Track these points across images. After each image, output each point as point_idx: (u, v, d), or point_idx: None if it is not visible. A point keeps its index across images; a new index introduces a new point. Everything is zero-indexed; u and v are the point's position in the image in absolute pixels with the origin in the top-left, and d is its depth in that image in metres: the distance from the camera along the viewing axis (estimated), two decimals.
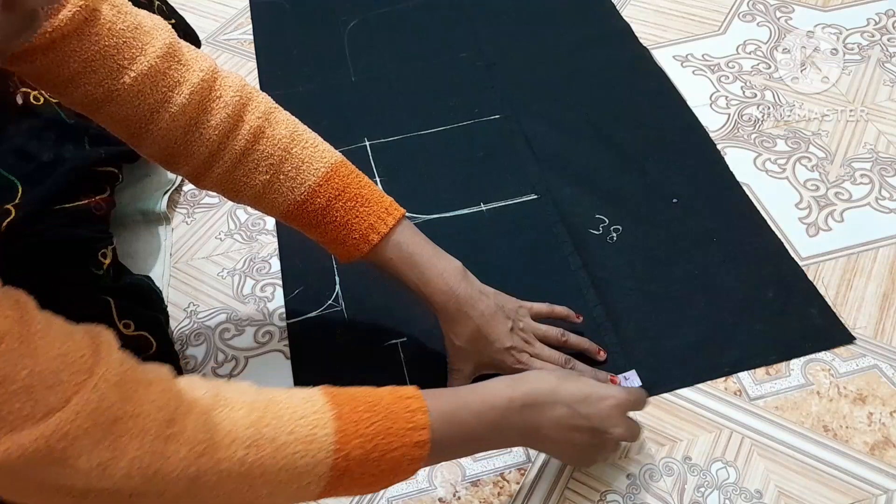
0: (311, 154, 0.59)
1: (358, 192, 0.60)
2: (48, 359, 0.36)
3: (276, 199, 0.58)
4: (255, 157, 0.57)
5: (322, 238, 0.61)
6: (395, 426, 0.45)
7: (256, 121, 0.57)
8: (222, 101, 0.56)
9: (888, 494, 0.59)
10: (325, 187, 0.58)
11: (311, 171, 0.58)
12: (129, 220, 0.81)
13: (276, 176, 0.57)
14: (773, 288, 0.72)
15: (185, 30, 0.97)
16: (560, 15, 1.05)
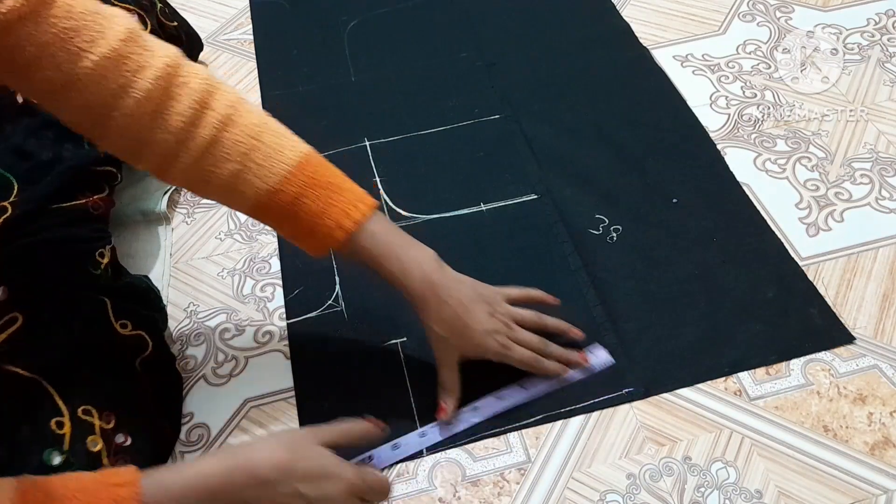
0: (282, 143, 0.57)
1: (331, 181, 0.58)
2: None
3: (245, 190, 0.56)
4: (223, 145, 0.54)
5: (294, 229, 0.59)
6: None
7: (225, 108, 0.55)
8: (189, 87, 0.53)
9: (888, 494, 0.59)
10: (298, 175, 0.57)
11: (283, 159, 0.56)
12: (129, 220, 0.81)
13: (247, 164, 0.55)
14: (773, 288, 0.72)
15: (187, 32, 0.97)
16: (560, 15, 1.05)
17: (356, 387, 0.68)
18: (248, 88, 0.99)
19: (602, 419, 0.65)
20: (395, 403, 0.66)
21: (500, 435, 0.64)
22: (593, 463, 0.62)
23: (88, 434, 0.54)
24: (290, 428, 0.66)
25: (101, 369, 0.58)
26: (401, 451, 0.63)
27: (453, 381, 0.63)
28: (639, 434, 0.64)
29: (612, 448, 0.63)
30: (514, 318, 0.64)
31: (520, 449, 0.63)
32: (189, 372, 0.71)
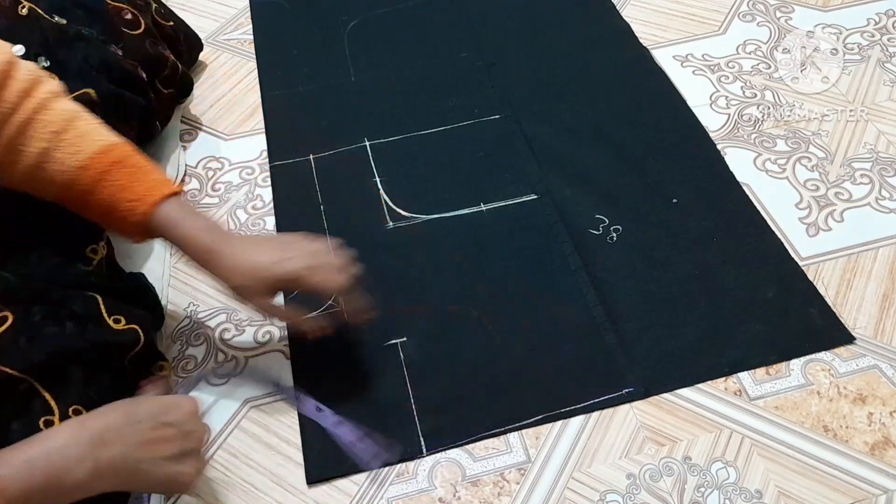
0: (94, 129, 0.58)
1: (137, 163, 0.59)
2: None
3: (54, 169, 0.56)
4: (36, 126, 0.55)
5: (99, 207, 0.58)
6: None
7: (44, 94, 0.56)
8: (17, 80, 0.55)
9: (888, 494, 0.59)
10: (106, 155, 0.57)
11: (92, 141, 0.57)
12: None
13: (56, 144, 0.56)
14: (773, 288, 0.72)
15: (185, 32, 0.97)
16: (560, 15, 1.05)
17: (356, 387, 0.68)
18: (248, 88, 0.99)
19: (602, 419, 0.65)
20: (395, 403, 0.66)
21: (500, 435, 0.64)
22: (593, 463, 0.62)
23: None
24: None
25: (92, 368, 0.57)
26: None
27: (288, 313, 0.64)
28: (639, 434, 0.64)
29: (612, 448, 0.63)
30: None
31: (520, 449, 0.63)
32: (189, 372, 0.71)
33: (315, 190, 0.85)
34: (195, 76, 1.01)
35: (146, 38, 0.83)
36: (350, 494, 0.62)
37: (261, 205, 0.84)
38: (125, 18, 0.81)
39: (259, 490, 0.63)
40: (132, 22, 0.82)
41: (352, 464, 0.63)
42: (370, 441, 0.63)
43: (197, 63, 1.03)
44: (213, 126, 0.94)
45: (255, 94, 0.98)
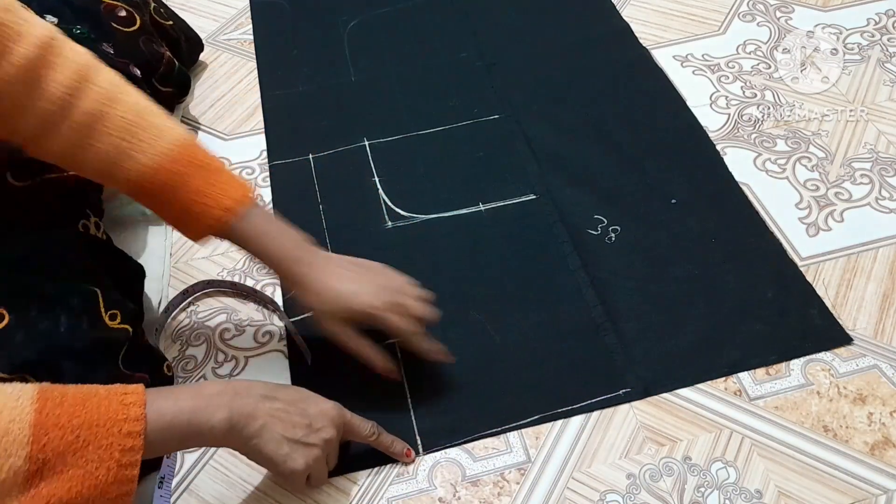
0: (165, 123, 0.57)
1: (211, 164, 0.58)
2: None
3: (127, 165, 0.55)
4: (108, 119, 0.54)
5: (173, 208, 0.58)
6: (105, 417, 0.45)
7: (108, 85, 0.55)
8: (69, 59, 0.53)
9: (888, 494, 0.59)
10: (182, 154, 0.57)
11: (167, 138, 0.56)
12: (129, 220, 0.81)
13: (130, 140, 0.55)
14: (772, 288, 0.72)
15: (186, 32, 0.97)
16: (560, 15, 1.05)
17: (354, 387, 0.68)
18: (248, 88, 0.99)
19: (602, 419, 0.65)
20: (392, 402, 0.66)
21: (500, 435, 0.64)
22: (593, 463, 0.62)
23: None
24: None
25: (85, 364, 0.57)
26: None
27: (363, 345, 0.62)
28: (639, 434, 0.64)
29: (612, 448, 0.63)
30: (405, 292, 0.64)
31: (520, 449, 0.63)
32: (189, 372, 0.70)
33: (314, 189, 0.85)
34: (195, 76, 1.01)
35: (140, 36, 0.83)
36: (350, 494, 0.62)
37: (260, 204, 0.84)
38: (119, 16, 0.81)
39: (259, 490, 0.63)
40: (126, 19, 0.82)
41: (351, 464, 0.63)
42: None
43: (197, 63, 1.03)
44: (213, 126, 0.94)
45: (255, 94, 0.98)
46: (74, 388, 0.46)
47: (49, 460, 0.43)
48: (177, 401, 0.49)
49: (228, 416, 0.51)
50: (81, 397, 0.45)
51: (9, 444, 0.42)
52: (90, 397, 0.46)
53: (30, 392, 0.44)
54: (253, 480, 0.63)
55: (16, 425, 0.42)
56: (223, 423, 0.51)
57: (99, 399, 0.46)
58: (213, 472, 0.64)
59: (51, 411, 0.44)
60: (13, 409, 0.43)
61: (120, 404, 0.46)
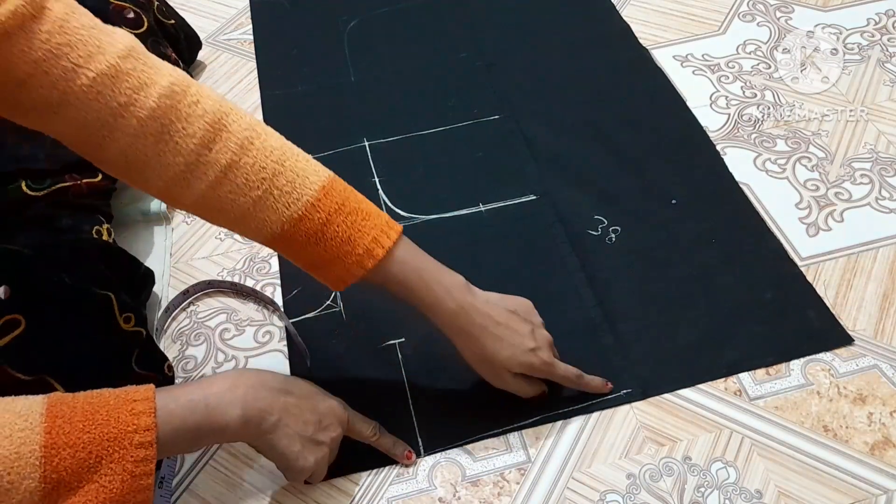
0: (305, 167, 0.54)
1: (357, 207, 0.56)
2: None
3: (268, 217, 0.53)
4: (243, 170, 0.51)
5: (319, 258, 0.56)
6: (115, 430, 0.45)
7: (242, 132, 0.52)
8: (200, 107, 0.50)
9: (888, 494, 0.59)
10: (325, 201, 0.54)
11: (308, 185, 0.53)
12: (129, 220, 0.81)
13: (270, 191, 0.52)
14: (772, 289, 0.72)
15: (185, 31, 0.97)
16: (560, 15, 1.05)
17: (354, 387, 0.68)
18: (248, 88, 0.99)
19: (602, 419, 0.65)
20: (393, 403, 0.66)
21: (500, 435, 0.64)
22: (593, 463, 0.62)
23: None
24: None
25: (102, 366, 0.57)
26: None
27: (525, 388, 0.62)
28: (639, 434, 0.64)
29: (612, 448, 0.63)
30: (549, 342, 0.63)
31: (520, 449, 0.63)
32: (189, 372, 0.70)
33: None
34: (195, 76, 1.01)
35: (148, 38, 0.83)
36: (350, 494, 0.62)
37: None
38: (127, 17, 0.81)
39: (259, 490, 0.63)
40: (134, 21, 0.82)
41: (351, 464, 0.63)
42: None
43: (197, 63, 1.03)
44: None
45: (255, 94, 0.98)
46: (83, 399, 0.46)
47: (63, 479, 0.43)
48: (188, 402, 0.49)
49: (242, 412, 0.51)
50: (91, 411, 0.45)
51: (21, 468, 0.42)
52: (99, 409, 0.46)
53: (38, 409, 0.44)
54: (253, 480, 0.63)
55: (27, 448, 0.42)
56: (237, 420, 0.50)
57: (108, 410, 0.46)
58: (213, 472, 0.64)
59: (60, 429, 0.44)
60: (23, 430, 0.43)
61: (129, 414, 0.46)
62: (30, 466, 0.42)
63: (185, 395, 0.49)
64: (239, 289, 0.76)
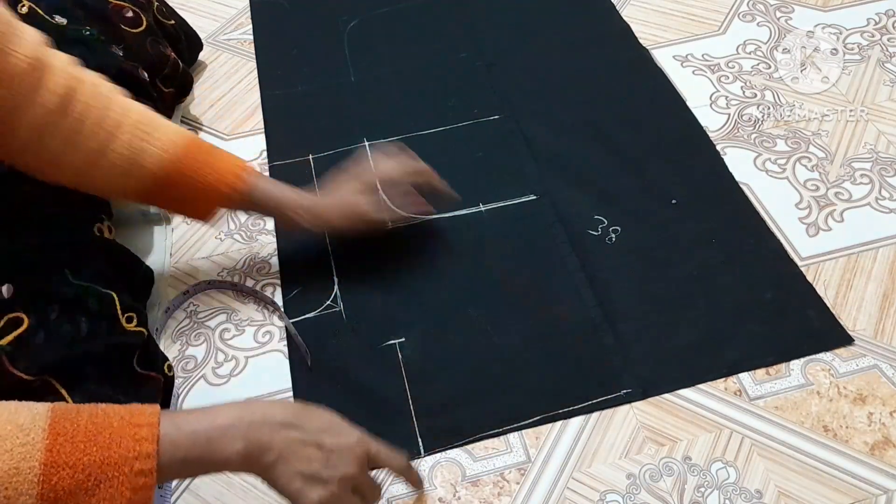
0: (166, 121, 0.64)
1: (210, 145, 0.66)
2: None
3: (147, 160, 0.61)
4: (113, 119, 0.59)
5: (197, 190, 0.64)
6: (116, 455, 0.45)
7: (102, 89, 0.59)
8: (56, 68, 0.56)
9: (888, 494, 0.59)
10: (194, 141, 0.64)
11: (177, 130, 0.63)
12: (130, 220, 0.81)
13: (147, 135, 0.61)
14: (772, 289, 0.72)
15: (186, 32, 0.97)
16: (560, 15, 1.05)
17: (354, 387, 0.68)
18: (248, 88, 0.99)
19: (602, 419, 0.65)
20: (393, 403, 0.66)
21: (500, 435, 0.64)
22: (593, 463, 0.62)
23: None
24: None
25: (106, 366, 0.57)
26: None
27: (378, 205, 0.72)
28: (639, 434, 0.64)
29: (612, 448, 0.63)
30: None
31: (520, 449, 0.63)
32: (189, 372, 0.70)
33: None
34: (195, 76, 1.01)
35: (147, 37, 0.83)
36: None
37: None
38: (126, 17, 0.81)
39: (259, 490, 0.63)
40: (133, 20, 0.82)
41: None
42: None
43: (197, 63, 1.03)
44: (213, 126, 0.94)
45: (255, 94, 0.98)
46: (87, 417, 0.45)
47: (60, 498, 0.43)
48: (191, 433, 0.48)
49: (244, 446, 0.50)
50: (94, 431, 0.45)
51: (19, 484, 0.42)
52: (102, 431, 0.45)
53: (41, 424, 0.44)
54: (253, 480, 0.63)
55: (26, 464, 0.42)
56: (238, 456, 0.50)
57: (111, 433, 0.45)
58: None
59: (61, 448, 0.43)
60: (24, 445, 0.43)
61: (132, 440, 0.45)
62: (28, 483, 0.42)
63: (190, 425, 0.49)
64: (239, 289, 0.76)
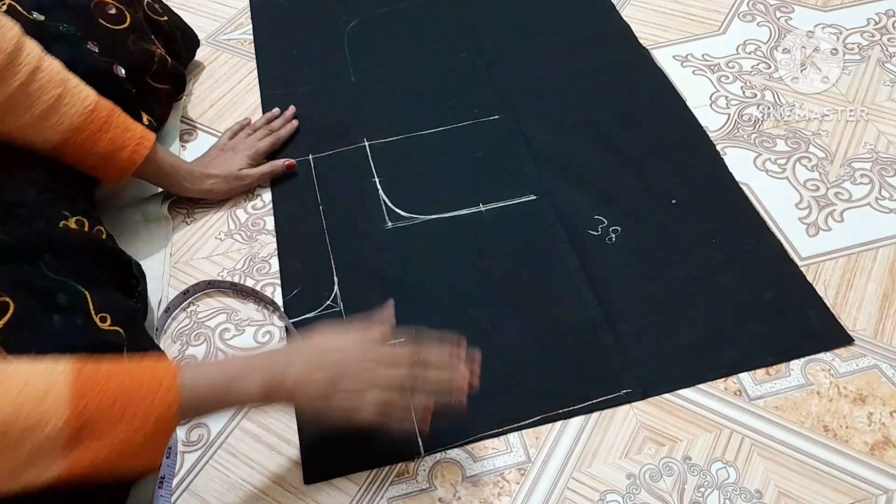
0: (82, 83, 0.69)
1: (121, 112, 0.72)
2: None
3: (67, 111, 0.66)
4: (47, 73, 0.65)
5: (108, 146, 0.70)
6: (140, 387, 0.47)
7: (38, 48, 0.65)
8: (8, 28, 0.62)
9: (888, 494, 0.59)
10: (105, 101, 0.70)
11: (90, 93, 0.69)
12: (129, 220, 0.81)
13: (67, 90, 0.66)
14: (772, 289, 0.72)
15: (182, 28, 0.96)
16: (560, 15, 1.05)
17: None
18: (248, 88, 0.99)
19: (602, 419, 0.65)
20: None
21: (500, 435, 0.64)
22: (593, 463, 0.62)
23: None
24: (294, 413, 0.67)
25: None
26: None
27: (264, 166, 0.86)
28: (639, 434, 0.64)
29: (612, 448, 0.63)
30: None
31: (520, 449, 0.63)
32: None
33: (314, 190, 0.85)
34: (195, 76, 1.01)
35: (130, 34, 0.82)
36: (350, 494, 0.62)
37: (261, 205, 0.84)
38: (109, 13, 0.80)
39: (259, 490, 0.63)
40: (115, 17, 0.81)
41: (350, 463, 0.63)
42: None
43: (197, 63, 1.03)
44: (213, 126, 0.94)
45: (255, 94, 0.98)
46: (108, 361, 0.47)
47: (87, 425, 0.44)
48: (209, 374, 0.51)
49: (262, 379, 0.51)
50: (116, 369, 0.47)
51: (50, 407, 0.43)
52: (125, 368, 0.47)
53: (66, 362, 0.46)
54: (253, 480, 0.63)
55: (56, 389, 0.44)
56: (259, 387, 0.51)
57: (133, 368, 0.47)
58: (213, 472, 0.64)
59: (88, 378, 0.45)
60: (52, 372, 0.44)
61: (153, 374, 0.47)
62: (59, 407, 0.43)
63: (208, 366, 0.52)
64: (239, 289, 0.76)
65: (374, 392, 0.53)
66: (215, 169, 0.83)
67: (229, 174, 0.83)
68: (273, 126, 0.90)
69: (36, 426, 0.43)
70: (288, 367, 0.52)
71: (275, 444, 0.65)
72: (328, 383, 0.52)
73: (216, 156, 0.86)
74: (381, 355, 0.55)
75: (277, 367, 0.52)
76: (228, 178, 0.83)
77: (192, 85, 0.99)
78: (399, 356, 0.55)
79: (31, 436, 0.43)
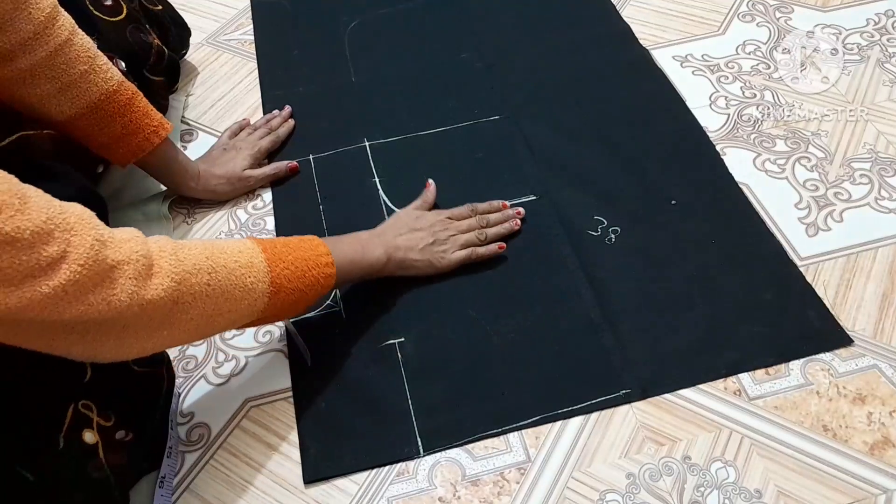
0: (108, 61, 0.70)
1: (142, 97, 0.74)
2: (41, 221, 0.42)
3: (89, 88, 0.68)
4: (75, 47, 0.66)
5: (124, 128, 0.72)
6: (308, 254, 0.62)
7: (71, 23, 0.66)
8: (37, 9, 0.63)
9: (888, 494, 0.59)
10: (128, 84, 0.71)
11: (115, 73, 0.70)
12: (130, 220, 0.81)
13: (93, 67, 0.67)
14: (771, 289, 0.72)
15: (173, 17, 0.96)
16: (560, 15, 1.05)
17: (354, 386, 0.68)
18: (248, 89, 0.99)
19: (602, 419, 0.65)
20: (392, 403, 0.66)
21: (500, 435, 0.64)
22: (593, 463, 0.62)
23: (85, 427, 0.54)
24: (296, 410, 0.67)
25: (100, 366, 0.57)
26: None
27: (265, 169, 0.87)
28: (638, 434, 0.64)
29: (612, 448, 0.63)
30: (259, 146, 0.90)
31: (520, 449, 0.64)
32: (189, 372, 0.71)
33: (314, 190, 0.85)
34: (195, 76, 1.01)
35: (127, 26, 0.82)
36: (350, 494, 0.62)
37: (261, 205, 0.85)
38: (105, 5, 0.80)
39: (259, 490, 0.63)
40: (112, 8, 0.81)
41: (350, 463, 0.63)
42: None
43: (197, 63, 1.03)
44: (213, 126, 0.94)
45: (256, 94, 0.98)
46: (275, 239, 0.61)
47: (283, 286, 0.58)
48: (348, 245, 0.68)
49: (384, 250, 0.70)
50: (284, 244, 0.61)
51: (256, 273, 0.57)
52: (291, 244, 0.61)
53: (247, 240, 0.59)
54: (253, 480, 0.63)
55: (256, 259, 0.57)
56: (382, 256, 0.70)
57: (297, 243, 0.62)
58: (213, 472, 0.64)
59: (271, 250, 0.59)
60: (248, 249, 0.57)
61: (313, 247, 0.62)
62: (262, 272, 0.57)
63: (345, 240, 0.69)
64: None
65: (460, 241, 0.75)
66: (219, 169, 0.84)
67: (233, 175, 0.84)
68: (272, 125, 0.91)
69: (252, 288, 0.56)
70: (397, 238, 0.72)
71: (275, 444, 0.65)
72: (427, 244, 0.73)
73: (219, 156, 0.86)
74: (456, 225, 0.76)
75: (389, 237, 0.71)
76: (232, 179, 0.84)
77: (193, 85, 1.00)
78: (468, 220, 0.77)
79: (247, 296, 0.56)
